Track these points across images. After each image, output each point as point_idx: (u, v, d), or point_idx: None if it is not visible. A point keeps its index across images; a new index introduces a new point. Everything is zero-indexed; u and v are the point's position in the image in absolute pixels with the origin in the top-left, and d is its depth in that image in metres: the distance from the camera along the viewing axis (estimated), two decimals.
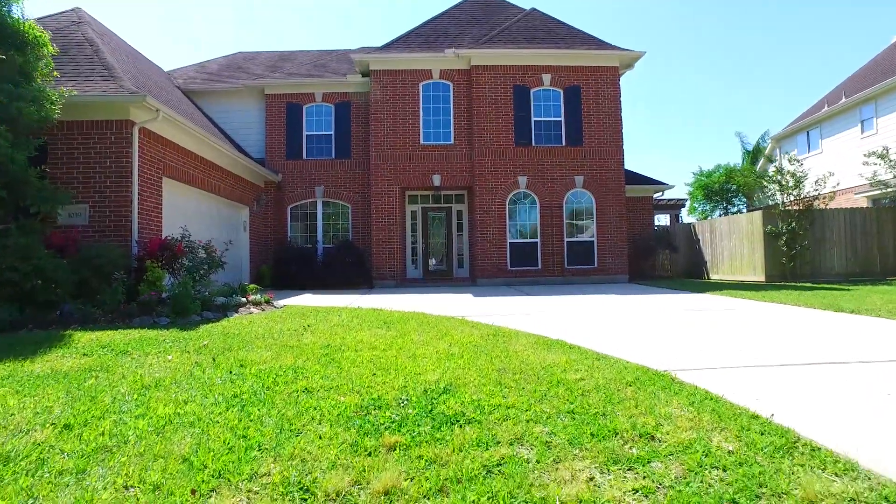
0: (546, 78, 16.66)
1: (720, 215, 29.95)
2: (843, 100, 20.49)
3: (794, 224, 16.39)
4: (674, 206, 24.97)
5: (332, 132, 17.85)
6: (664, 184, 18.99)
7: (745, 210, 30.18)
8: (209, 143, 12.36)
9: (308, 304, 10.35)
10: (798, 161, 16.76)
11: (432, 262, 17.88)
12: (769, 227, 16.67)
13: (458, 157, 16.70)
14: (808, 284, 14.69)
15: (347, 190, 17.65)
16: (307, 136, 17.87)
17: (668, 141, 61.28)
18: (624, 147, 16.75)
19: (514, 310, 8.92)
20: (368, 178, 17.13)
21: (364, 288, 15.95)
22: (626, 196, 16.82)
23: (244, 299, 8.87)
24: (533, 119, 16.68)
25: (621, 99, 16.81)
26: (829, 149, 21.57)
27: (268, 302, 9.33)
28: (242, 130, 17.97)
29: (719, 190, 29.10)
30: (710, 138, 65.57)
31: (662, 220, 26.71)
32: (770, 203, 26.22)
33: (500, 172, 16.38)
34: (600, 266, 16.41)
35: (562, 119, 16.74)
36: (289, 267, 15.57)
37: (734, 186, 28.50)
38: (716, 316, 7.86)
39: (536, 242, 16.43)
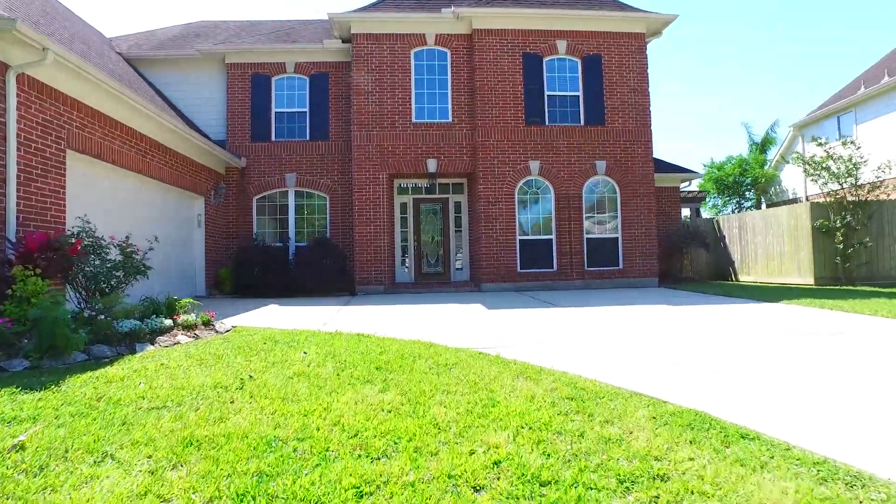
0: (561, 45, 14.05)
1: (733, 211, 27.71)
2: (887, 79, 18.24)
3: (848, 217, 14.03)
4: (693, 199, 22.58)
5: (307, 109, 15.05)
6: (693, 172, 16.55)
7: (760, 205, 28.05)
8: (144, 112, 9.52)
9: (268, 323, 7.60)
10: (854, 143, 14.39)
11: (426, 263, 15.19)
12: (819, 221, 14.30)
13: (457, 137, 14.02)
14: (887, 289, 12.25)
15: (325, 178, 14.87)
16: (277, 113, 15.04)
17: (663, 127, 59.22)
18: (653, 128, 14.23)
19: (551, 331, 6.30)
20: (350, 163, 14.36)
21: (345, 295, 13.21)
22: (655, 185, 14.29)
23: (170, 321, 6.10)
24: (546, 93, 14.07)
25: (648, 71, 14.29)
26: (867, 134, 19.28)
27: (207, 324, 6.57)
28: (199, 107, 15.07)
29: (733, 183, 26.83)
30: (711, 129, 63.68)
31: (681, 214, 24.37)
32: (791, 197, 24.06)
33: (507, 156, 13.74)
34: (626, 267, 13.87)
35: (580, 94, 14.15)
36: (253, 270, 12.75)
37: (748, 179, 26.28)
38: (871, 348, 5.31)
39: (551, 240, 13.83)
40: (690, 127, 64.84)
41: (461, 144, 14.01)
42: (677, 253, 15.77)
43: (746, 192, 27.34)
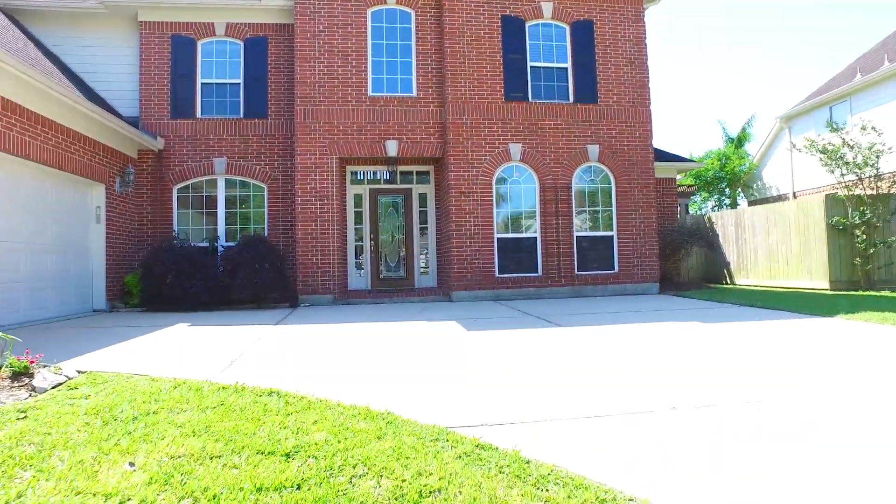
0: (547, 7, 11.85)
1: (714, 208, 26.23)
2: (887, 64, 16.78)
3: (868, 213, 12.32)
4: (682, 194, 20.80)
5: (241, 80, 12.40)
6: (691, 161, 14.65)
7: (736, 203, 26.64)
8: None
9: (147, 362, 5.06)
10: (875, 129, 12.67)
11: (386, 266, 12.77)
12: (835, 217, 12.55)
13: (422, 115, 11.65)
14: None
15: (263, 163, 12.26)
16: (203, 85, 12.34)
17: None
18: (652, 108, 12.18)
19: (576, 376, 3.98)
20: (293, 145, 11.81)
21: (284, 306, 10.68)
22: (655, 175, 12.25)
23: None
24: (529, 64, 11.84)
25: (647, 42, 12.24)
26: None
27: (21, 374, 4.00)
28: (105, 75, 12.22)
29: (713, 179, 25.28)
30: (680, 125, 63.05)
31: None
32: (775, 193, 22.61)
33: (483, 138, 11.45)
34: (622, 271, 11.77)
35: (568, 65, 11.99)
36: (166, 278, 10.06)
37: (728, 175, 24.77)
38: None
39: (535, 238, 11.61)
40: (658, 123, 64.22)
41: (428, 123, 11.64)
42: (674, 254, 13.79)
43: (726, 189, 25.89)
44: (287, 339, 6.54)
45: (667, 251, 13.46)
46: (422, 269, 12.83)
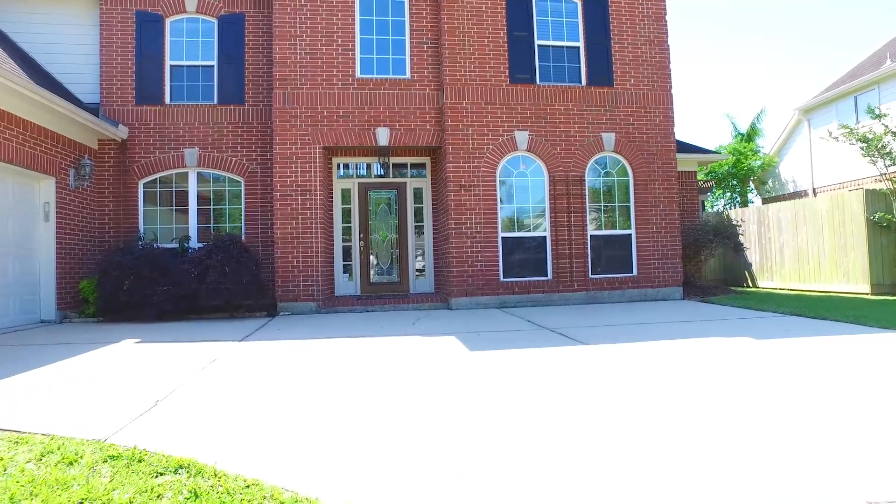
0: None
1: (727, 206, 24.95)
2: None
3: None
4: (699, 190, 19.46)
5: (215, 62, 11.11)
6: (713, 152, 13.38)
7: (746, 201, 25.37)
8: None
9: (42, 402, 3.78)
10: None
11: (377, 270, 11.48)
12: (877, 213, 11.30)
13: (417, 99, 10.36)
14: None
15: (239, 154, 10.97)
16: (172, 67, 11.04)
17: None
18: (673, 92, 10.90)
19: (628, 430, 2.73)
20: (273, 134, 10.52)
21: (260, 315, 9.40)
22: (677, 166, 10.98)
23: None
24: (537, 43, 10.56)
25: (667, 19, 10.97)
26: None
27: None
28: (62, 57, 10.90)
29: (725, 175, 24.00)
30: (687, 119, 61.82)
31: None
32: (792, 190, 21.33)
33: (486, 124, 10.17)
34: (642, 274, 10.49)
35: (580, 44, 10.71)
36: (123, 283, 8.76)
37: (743, 170, 23.49)
38: None
39: (545, 238, 10.32)
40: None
41: (423, 109, 10.35)
42: (696, 255, 12.51)
43: (737, 186, 24.63)
44: (246, 362, 5.26)
45: (688, 252, 12.18)
46: (417, 273, 11.54)
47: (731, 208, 23.41)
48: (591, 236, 10.44)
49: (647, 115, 10.67)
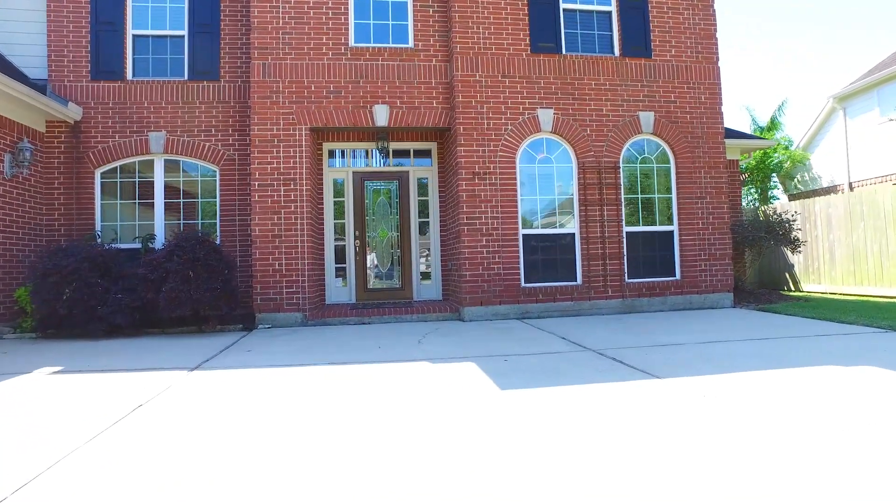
0: None
1: (752, 203, 23.34)
2: None
3: None
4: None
5: (186, 31, 9.52)
6: (759, 138, 11.84)
7: (766, 197, 23.80)
8: None
9: None
10: None
11: (375, 273, 9.90)
12: None
13: (422, 72, 8.78)
14: None
15: (214, 139, 9.38)
16: (136, 37, 9.45)
17: None
18: (720, 65, 9.32)
19: None
20: (251, 114, 8.92)
21: (234, 328, 7.82)
22: (726, 153, 9.39)
23: None
24: (562, 6, 8.99)
25: None
26: None
27: None
28: (8, 27, 9.34)
29: (755, 169, 22.35)
30: None
31: None
32: (827, 184, 19.77)
33: (503, 101, 8.59)
34: (686, 277, 8.91)
35: (613, 8, 9.14)
36: (63, 291, 7.15)
37: (773, 163, 21.88)
38: None
39: (573, 235, 8.75)
40: None
41: (429, 83, 8.77)
42: (742, 255, 10.91)
43: (763, 181, 23.02)
44: (187, 410, 3.67)
45: (735, 251, 10.59)
46: (422, 277, 9.96)
47: (754, 206, 21.81)
48: (627, 233, 8.86)
49: (691, 92, 9.10)
